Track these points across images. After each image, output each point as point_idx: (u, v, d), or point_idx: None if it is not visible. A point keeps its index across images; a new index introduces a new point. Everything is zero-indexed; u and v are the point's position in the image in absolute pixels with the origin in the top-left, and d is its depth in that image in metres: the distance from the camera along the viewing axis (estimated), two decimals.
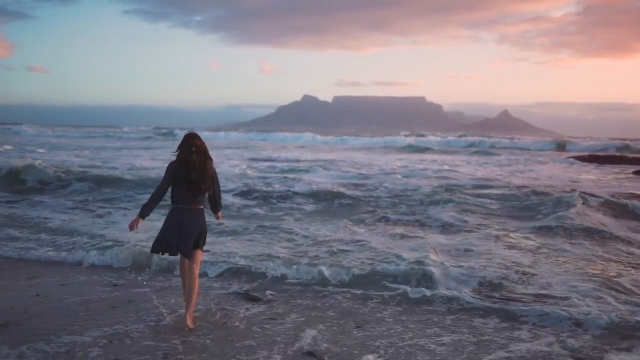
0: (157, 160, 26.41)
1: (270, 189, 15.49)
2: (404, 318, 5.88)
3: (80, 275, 7.49)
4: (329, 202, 14.16)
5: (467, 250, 8.90)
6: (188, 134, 5.40)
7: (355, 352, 4.89)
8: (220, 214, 5.77)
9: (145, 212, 5.23)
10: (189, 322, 5.33)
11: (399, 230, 10.71)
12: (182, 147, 5.28)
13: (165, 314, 5.77)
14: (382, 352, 4.89)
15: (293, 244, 9.30)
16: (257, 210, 12.97)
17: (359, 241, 9.41)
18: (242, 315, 5.81)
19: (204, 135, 6.69)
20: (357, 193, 15.23)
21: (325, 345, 5.03)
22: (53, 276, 7.33)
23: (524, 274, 7.51)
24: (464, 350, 4.99)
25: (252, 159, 29.40)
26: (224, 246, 8.90)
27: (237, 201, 13.87)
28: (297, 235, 9.94)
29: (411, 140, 58.85)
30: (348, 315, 5.92)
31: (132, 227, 5.18)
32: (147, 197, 5.61)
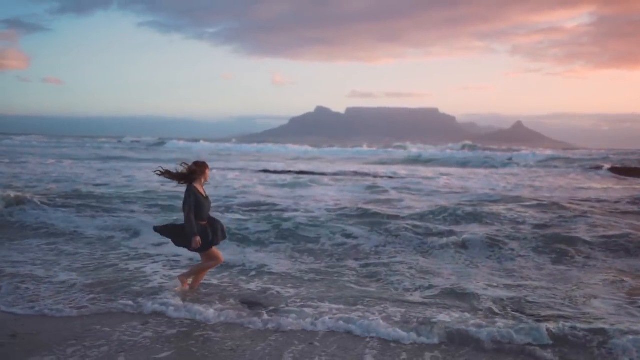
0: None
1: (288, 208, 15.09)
2: None
3: None
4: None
5: None
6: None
7: None
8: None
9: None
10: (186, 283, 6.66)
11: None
12: None
13: (176, 323, 5.60)
14: None
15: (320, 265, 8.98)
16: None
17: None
18: (245, 328, 5.58)
19: (214, 146, 6.46)
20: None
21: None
22: None
23: None
24: None
25: (266, 171, 29.18)
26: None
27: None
28: (321, 244, 9.65)
29: (466, 151, 56.00)
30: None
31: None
32: None
